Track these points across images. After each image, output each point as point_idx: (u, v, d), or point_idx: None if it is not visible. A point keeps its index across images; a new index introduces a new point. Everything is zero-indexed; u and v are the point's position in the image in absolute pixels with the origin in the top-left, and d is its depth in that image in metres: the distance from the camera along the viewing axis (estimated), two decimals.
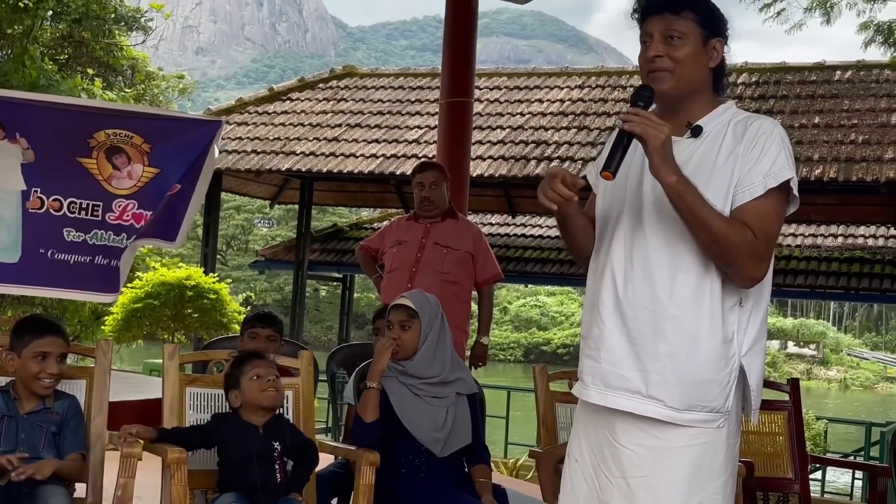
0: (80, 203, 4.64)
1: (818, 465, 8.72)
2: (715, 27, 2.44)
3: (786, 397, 4.88)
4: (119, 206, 4.70)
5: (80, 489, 3.51)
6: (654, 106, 2.43)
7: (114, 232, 4.69)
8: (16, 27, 12.88)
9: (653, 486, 2.36)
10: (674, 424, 2.34)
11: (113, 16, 13.85)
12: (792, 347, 48.77)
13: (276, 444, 3.40)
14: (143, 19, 14.69)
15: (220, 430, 3.41)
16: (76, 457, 3.39)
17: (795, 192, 2.36)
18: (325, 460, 4.01)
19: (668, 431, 2.35)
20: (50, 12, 13.16)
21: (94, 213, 4.66)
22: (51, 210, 4.57)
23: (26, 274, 4.54)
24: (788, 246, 14.24)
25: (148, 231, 4.79)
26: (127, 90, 14.69)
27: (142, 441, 3.29)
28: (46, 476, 3.18)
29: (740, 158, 2.35)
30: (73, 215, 4.62)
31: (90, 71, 14.15)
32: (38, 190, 4.56)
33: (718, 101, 2.49)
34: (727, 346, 2.34)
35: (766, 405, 4.77)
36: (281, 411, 3.58)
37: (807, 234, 14.89)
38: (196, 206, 4.89)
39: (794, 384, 4.93)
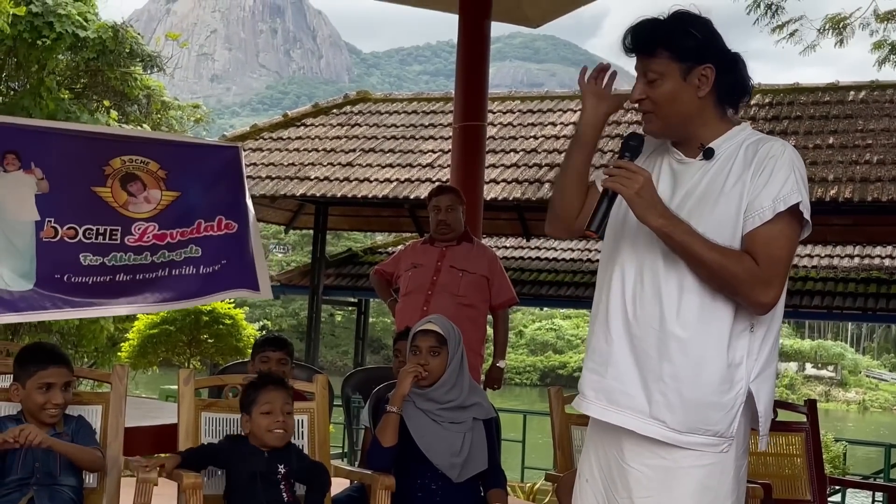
0: (97, 229, 4.63)
1: (837, 488, 8.65)
2: (697, 55, 2.39)
3: (803, 418, 4.85)
4: (139, 229, 4.70)
5: None
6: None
7: (134, 252, 4.69)
8: (32, 64, 12.99)
9: None
10: (679, 445, 2.34)
11: (128, 51, 13.93)
12: (810, 369, 48.46)
13: (281, 467, 3.39)
14: (159, 60, 14.76)
15: (228, 452, 3.42)
16: (92, 448, 3.39)
17: (806, 216, 2.33)
18: (340, 485, 4.01)
19: (674, 452, 2.35)
20: (67, 49, 13.28)
21: (113, 237, 4.65)
22: (65, 238, 4.57)
23: (43, 300, 4.51)
24: (805, 267, 14.17)
25: (230, 282, 4.81)
26: (143, 119, 14.77)
27: (163, 468, 3.29)
28: (42, 443, 3.16)
29: (749, 183, 2.34)
30: (89, 241, 4.61)
31: (106, 103, 14.25)
32: (53, 220, 4.55)
33: (732, 122, 2.47)
34: (733, 371, 2.33)
35: (784, 427, 4.74)
36: (293, 438, 3.58)
37: (823, 254, 14.82)
38: (260, 248, 4.92)
39: (811, 405, 4.89)
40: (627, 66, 2.56)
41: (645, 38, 2.43)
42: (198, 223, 4.82)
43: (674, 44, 2.39)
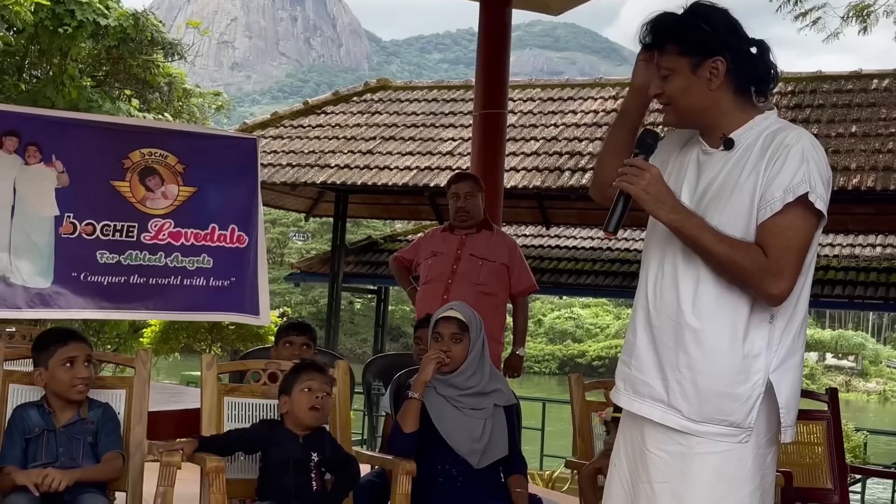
0: (115, 225, 4.62)
1: (858, 476, 8.62)
2: (706, 49, 2.39)
3: (824, 407, 4.84)
4: (155, 226, 4.71)
5: (121, 498, 3.55)
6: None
7: (149, 251, 4.70)
8: (55, 52, 13.06)
9: (675, 492, 2.38)
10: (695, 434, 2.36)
11: (150, 39, 13.96)
12: (830, 359, 48.25)
13: (315, 455, 3.42)
14: (180, 48, 14.78)
15: (263, 436, 3.45)
16: (113, 455, 3.41)
17: (817, 205, 2.30)
18: (362, 470, 4.03)
19: (690, 438, 2.37)
20: (89, 37, 13.33)
21: (129, 233, 4.65)
22: (83, 234, 4.55)
23: (58, 298, 4.51)
24: (826, 256, 14.09)
25: (233, 305, 4.84)
26: (164, 108, 14.82)
27: (182, 452, 3.31)
28: (68, 483, 3.18)
29: (762, 174, 2.34)
30: (106, 237, 4.59)
31: (128, 92, 14.30)
32: (71, 215, 4.53)
33: (756, 110, 2.46)
34: (749, 362, 2.33)
35: (805, 415, 4.74)
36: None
37: (844, 244, 14.72)
38: (264, 267, 4.94)
39: (832, 394, 4.89)
40: None
41: (654, 34, 2.45)
42: (212, 228, 4.83)
43: (681, 38, 2.40)
